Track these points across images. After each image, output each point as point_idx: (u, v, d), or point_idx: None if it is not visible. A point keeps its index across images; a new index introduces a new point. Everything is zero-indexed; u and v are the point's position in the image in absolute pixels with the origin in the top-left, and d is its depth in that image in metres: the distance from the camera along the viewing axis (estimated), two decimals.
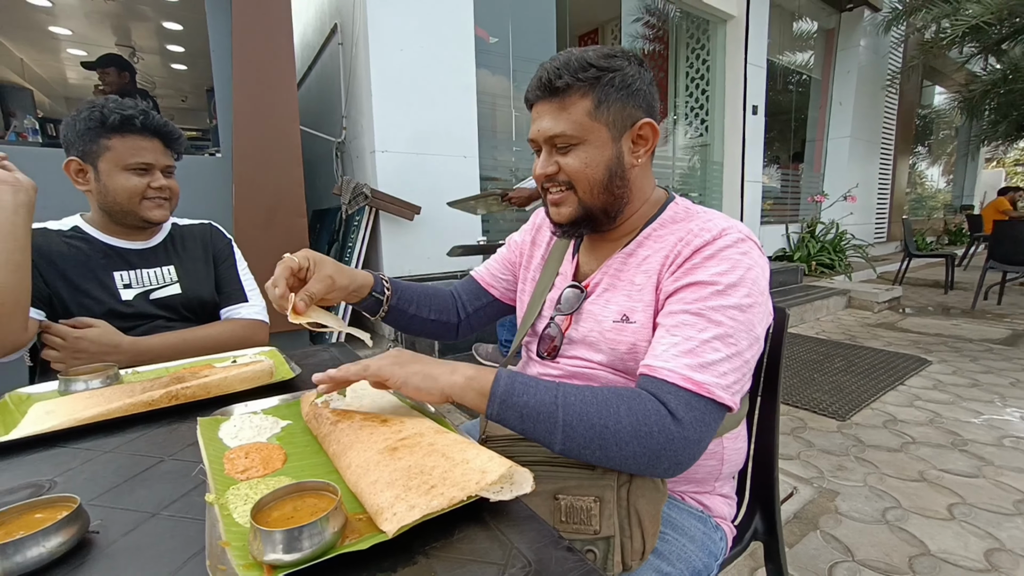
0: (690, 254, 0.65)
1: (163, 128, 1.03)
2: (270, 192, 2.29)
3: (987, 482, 1.65)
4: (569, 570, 0.38)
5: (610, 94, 0.66)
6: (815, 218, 6.11)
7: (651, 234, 0.73)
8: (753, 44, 4.87)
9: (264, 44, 2.25)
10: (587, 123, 0.67)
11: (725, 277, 0.61)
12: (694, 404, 0.56)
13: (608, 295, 0.73)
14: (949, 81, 9.03)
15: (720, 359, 0.57)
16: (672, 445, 0.55)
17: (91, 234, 1.05)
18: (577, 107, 0.66)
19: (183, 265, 1.12)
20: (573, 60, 0.66)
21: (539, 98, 0.69)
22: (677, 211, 0.74)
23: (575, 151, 0.68)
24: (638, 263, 0.71)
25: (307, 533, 0.37)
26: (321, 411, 0.62)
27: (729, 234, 0.65)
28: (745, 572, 1.27)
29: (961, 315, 4.20)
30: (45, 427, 0.61)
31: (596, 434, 0.55)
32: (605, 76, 0.66)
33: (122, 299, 1.03)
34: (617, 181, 0.70)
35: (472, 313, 0.97)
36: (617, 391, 0.58)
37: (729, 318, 0.59)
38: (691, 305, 0.61)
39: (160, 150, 1.03)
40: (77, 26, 4.20)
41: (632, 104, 0.68)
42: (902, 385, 2.55)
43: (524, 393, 0.57)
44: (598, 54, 0.67)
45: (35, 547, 0.37)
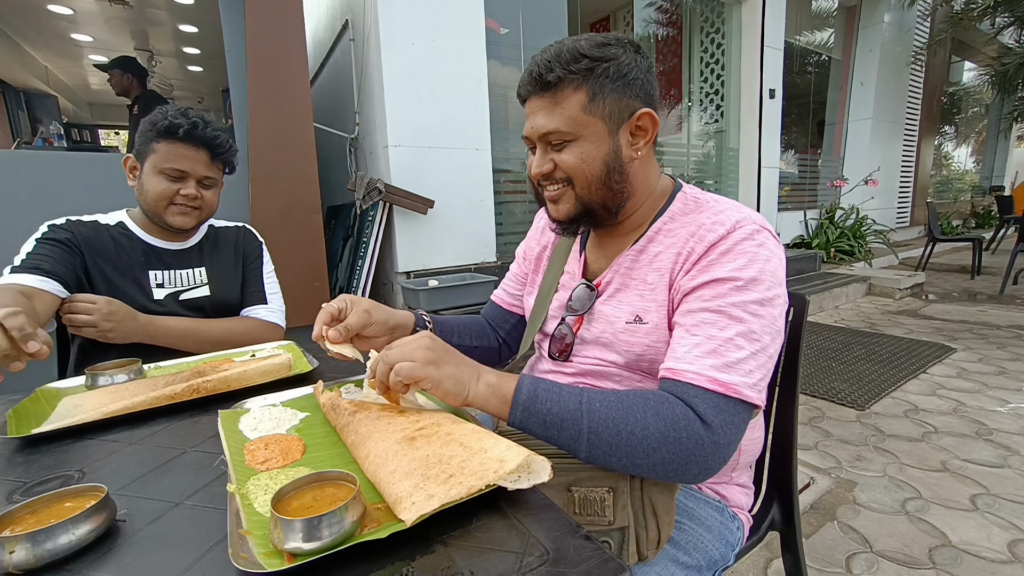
0: (704, 250, 0.62)
1: (211, 140, 1.04)
2: (285, 189, 2.31)
3: (1013, 472, 1.61)
4: (587, 558, 0.38)
5: (605, 85, 0.63)
6: (834, 204, 5.96)
7: (661, 228, 0.70)
8: (770, 25, 4.73)
9: (277, 43, 2.27)
10: (582, 118, 0.64)
11: (744, 272, 0.59)
12: (722, 406, 0.54)
13: (620, 295, 0.71)
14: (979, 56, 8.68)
15: (745, 357, 0.56)
16: (702, 450, 0.53)
17: (134, 231, 1.08)
18: (571, 101, 0.63)
19: (213, 267, 1.15)
20: (564, 51, 0.63)
21: (531, 93, 0.66)
22: (686, 202, 0.71)
23: (571, 147, 0.65)
24: (649, 261, 0.69)
25: (326, 522, 0.37)
26: (339, 402, 0.63)
27: (744, 226, 0.62)
28: (761, 562, 1.26)
29: (988, 301, 4.07)
30: (74, 420, 0.63)
31: (623, 441, 0.53)
32: (599, 67, 0.63)
33: (154, 298, 1.06)
34: (616, 176, 0.67)
35: (507, 336, 0.96)
36: (643, 395, 0.56)
37: (750, 313, 0.57)
38: (710, 303, 0.59)
39: (203, 161, 1.05)
40: (98, 32, 4.29)
41: (629, 94, 0.64)
42: (924, 373, 2.49)
43: (547, 400, 0.56)
44: (591, 43, 0.64)
45: (65, 535, 0.38)
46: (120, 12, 3.84)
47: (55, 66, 5.11)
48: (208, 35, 4.33)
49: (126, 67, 3.20)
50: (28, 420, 0.64)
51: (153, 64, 5.00)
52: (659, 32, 4.81)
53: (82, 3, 3.69)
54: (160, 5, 3.81)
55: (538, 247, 0.90)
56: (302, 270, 2.33)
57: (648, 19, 4.64)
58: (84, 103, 6.76)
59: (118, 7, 3.71)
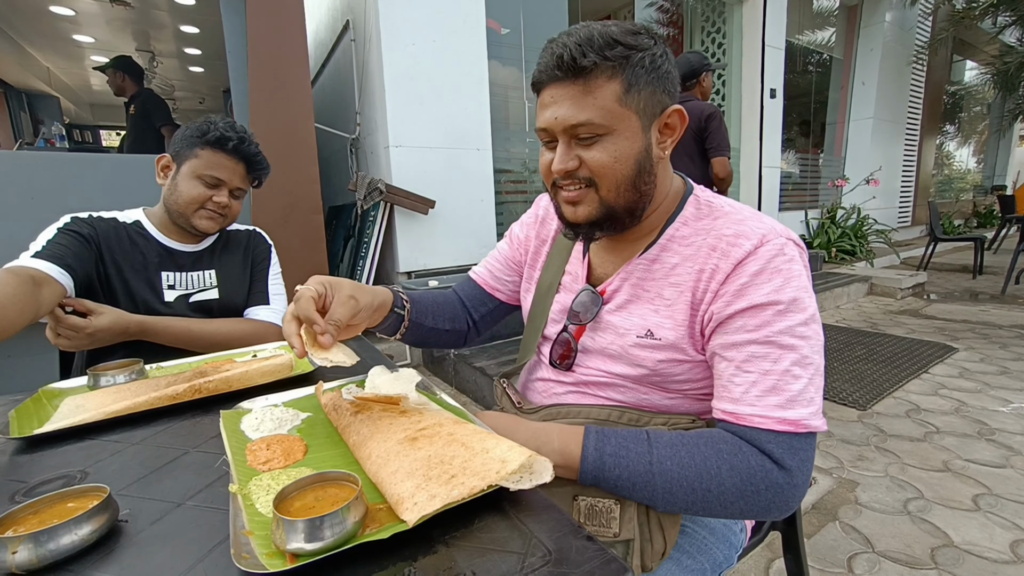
0: (731, 268, 0.58)
1: (251, 156, 1.09)
2: (287, 190, 2.32)
3: (1015, 472, 1.61)
4: (589, 559, 0.38)
5: (640, 76, 0.57)
6: (836, 203, 5.95)
7: (675, 236, 0.65)
8: (771, 25, 4.73)
9: (278, 44, 2.27)
10: (617, 110, 0.57)
11: (783, 293, 0.55)
12: (796, 445, 0.53)
13: (632, 307, 0.66)
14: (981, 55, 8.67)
15: (804, 386, 0.54)
16: (782, 496, 0.52)
17: (150, 232, 1.10)
18: (605, 91, 0.57)
19: (223, 270, 1.16)
20: (596, 36, 0.56)
21: (556, 79, 0.58)
22: (699, 206, 0.66)
23: (602, 143, 0.59)
24: (665, 273, 0.64)
25: (328, 522, 0.37)
26: (340, 402, 0.63)
27: (771, 240, 0.58)
28: (763, 562, 1.26)
29: (990, 300, 4.07)
30: (76, 420, 0.63)
31: (698, 498, 0.53)
32: (634, 55, 0.57)
33: (164, 300, 1.08)
34: (646, 177, 0.61)
35: (479, 319, 0.91)
36: (715, 446, 0.54)
37: (799, 337, 0.55)
38: (756, 333, 0.55)
39: (240, 173, 1.09)
40: (99, 33, 4.30)
41: (661, 89, 0.60)
42: (926, 373, 2.49)
43: (616, 467, 0.55)
44: (622, 30, 0.58)
45: (67, 535, 0.38)
46: (121, 13, 3.86)
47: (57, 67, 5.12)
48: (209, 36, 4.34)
49: (122, 67, 3.23)
50: (30, 420, 0.64)
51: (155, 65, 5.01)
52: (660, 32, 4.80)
53: (83, 4, 3.70)
54: (161, 6, 3.82)
55: (536, 240, 0.84)
56: (303, 271, 2.33)
57: (649, 19, 4.65)
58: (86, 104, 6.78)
59: (119, 8, 3.72)
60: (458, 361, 2.44)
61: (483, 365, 2.26)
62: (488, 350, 2.51)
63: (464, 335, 0.91)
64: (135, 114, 3.21)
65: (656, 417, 0.65)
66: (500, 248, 0.91)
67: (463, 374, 2.40)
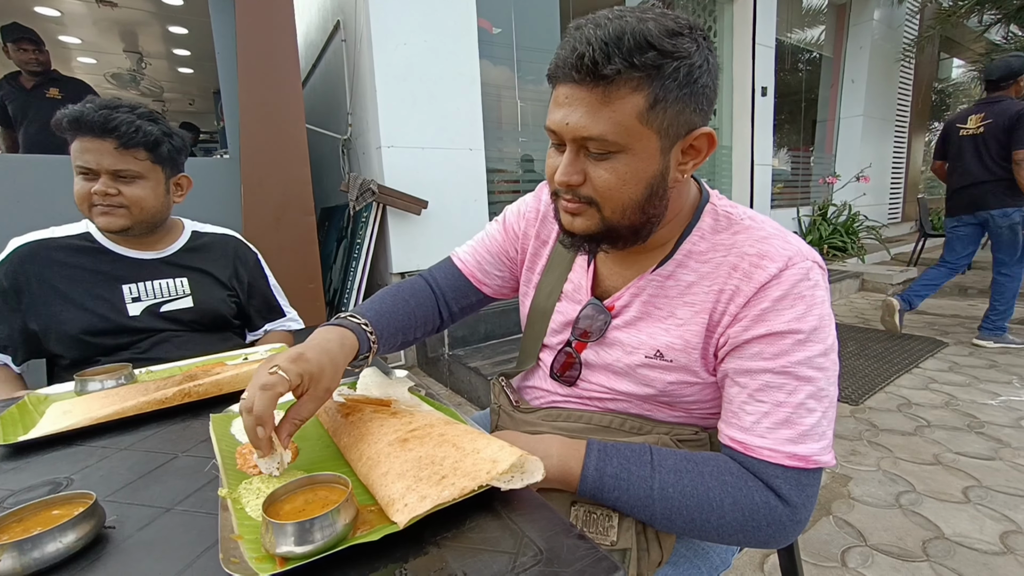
0: (754, 292, 0.54)
1: (104, 124, 0.90)
2: (278, 191, 2.30)
3: (1004, 464, 1.63)
4: (580, 558, 0.38)
5: (670, 92, 0.49)
6: (827, 200, 5.99)
7: (691, 251, 0.60)
8: (761, 23, 4.75)
9: (268, 45, 2.25)
10: (635, 127, 0.50)
11: (804, 322, 0.52)
12: (804, 481, 0.51)
13: (642, 324, 0.62)
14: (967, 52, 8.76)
15: (817, 420, 0.52)
16: (783, 532, 0.52)
17: (101, 242, 1.00)
18: (626, 104, 0.49)
19: (196, 277, 1.08)
20: (628, 36, 0.47)
21: (572, 80, 0.51)
22: (717, 217, 0.61)
23: (612, 161, 0.52)
24: (680, 291, 0.60)
25: (318, 525, 0.37)
26: (332, 404, 0.62)
27: (796, 263, 0.54)
28: (758, 558, 1.26)
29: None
30: (62, 426, 0.62)
31: (697, 527, 0.53)
32: (668, 65, 0.48)
33: (129, 314, 0.99)
34: (655, 201, 0.56)
35: (459, 311, 0.83)
36: (720, 477, 0.53)
37: (817, 369, 0.52)
38: (773, 363, 0.52)
39: (108, 151, 0.92)
40: (86, 34, 4.25)
41: (692, 107, 0.52)
42: (917, 368, 2.51)
43: (615, 488, 0.54)
44: (661, 30, 0.48)
45: (52, 543, 0.38)
46: (108, 14, 3.81)
47: None
48: (198, 37, 4.30)
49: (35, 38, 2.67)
50: (15, 427, 0.64)
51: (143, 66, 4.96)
52: None
53: (69, 5, 3.65)
54: (149, 7, 3.78)
55: (536, 240, 0.76)
56: (296, 272, 2.32)
57: None
58: None
59: (106, 8, 3.67)
60: (453, 362, 2.43)
61: (478, 365, 2.26)
62: (483, 350, 2.51)
63: (436, 328, 0.82)
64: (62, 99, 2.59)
65: (659, 426, 0.64)
66: (491, 236, 0.81)
67: (458, 375, 2.40)
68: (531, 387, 0.76)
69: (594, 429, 0.66)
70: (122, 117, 0.92)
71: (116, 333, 0.98)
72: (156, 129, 0.97)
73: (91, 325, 0.96)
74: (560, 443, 0.58)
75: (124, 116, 0.92)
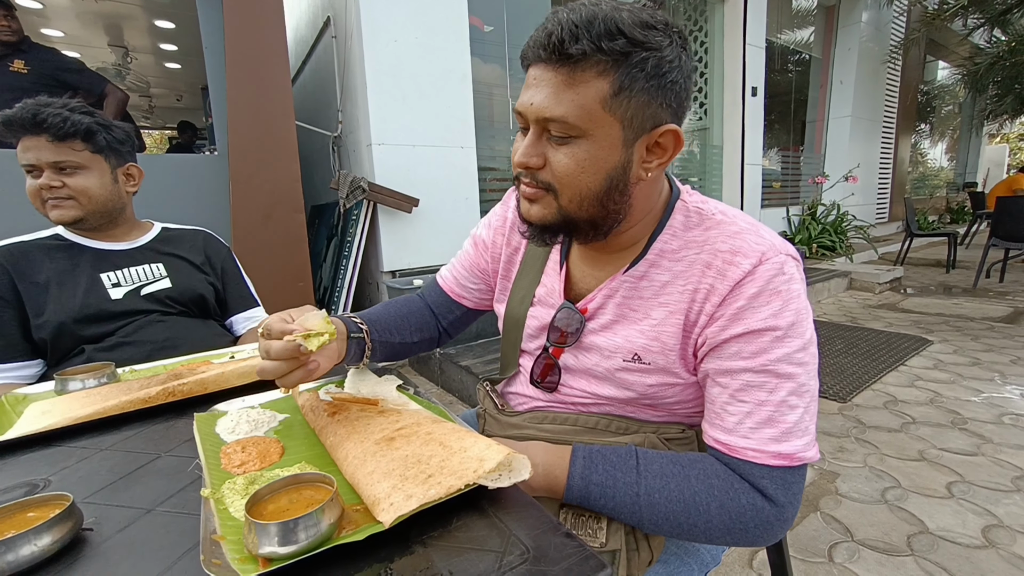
0: (729, 290, 0.53)
1: (32, 120, 0.92)
2: (268, 188, 2.27)
3: (986, 460, 1.66)
4: (567, 556, 0.38)
5: (636, 81, 0.49)
6: (816, 200, 6.06)
7: (663, 250, 0.59)
8: (752, 24, 4.79)
9: (257, 40, 2.22)
10: (597, 113, 0.50)
11: (781, 318, 0.51)
12: (789, 479, 0.51)
13: (617, 327, 0.61)
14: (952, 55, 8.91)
15: (799, 416, 0.51)
16: (771, 531, 0.51)
17: (73, 240, 1.05)
18: (590, 88, 0.49)
19: (172, 262, 1.13)
20: (599, 20, 0.47)
21: (540, 60, 0.51)
22: (688, 214, 0.60)
23: (572, 146, 0.52)
24: (655, 292, 0.59)
25: (302, 525, 0.36)
26: (318, 403, 0.61)
27: (770, 258, 0.53)
28: (747, 555, 1.27)
29: (963, 294, 4.18)
30: (40, 426, 0.61)
31: (684, 531, 0.53)
32: (636, 54, 0.48)
33: (112, 298, 1.03)
34: (615, 196, 0.54)
35: (448, 326, 0.86)
36: (707, 480, 0.52)
37: (797, 364, 0.52)
38: (752, 361, 0.52)
39: (44, 146, 0.94)
40: (70, 28, 4.17)
41: (660, 101, 0.51)
42: (903, 366, 2.55)
43: (601, 496, 0.54)
44: (633, 19, 0.48)
45: (27, 545, 0.37)
46: (92, 6, 3.74)
47: None
48: (186, 31, 4.23)
49: None
50: None
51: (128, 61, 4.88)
52: None
53: None
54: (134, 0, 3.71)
55: (507, 248, 0.76)
56: (285, 270, 2.30)
57: None
58: None
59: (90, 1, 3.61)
60: (444, 360, 2.42)
61: (469, 364, 2.25)
62: (474, 348, 2.50)
63: (436, 341, 0.86)
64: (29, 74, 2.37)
65: (645, 426, 0.64)
66: (465, 251, 0.84)
67: (449, 373, 2.39)
68: (514, 393, 0.76)
69: (580, 431, 0.65)
70: (51, 111, 0.94)
71: (102, 319, 1.00)
72: (88, 120, 0.98)
73: (77, 312, 0.98)
74: (544, 450, 0.58)
75: (53, 110, 0.94)
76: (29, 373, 0.98)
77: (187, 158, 2.56)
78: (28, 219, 1.08)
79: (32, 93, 0.98)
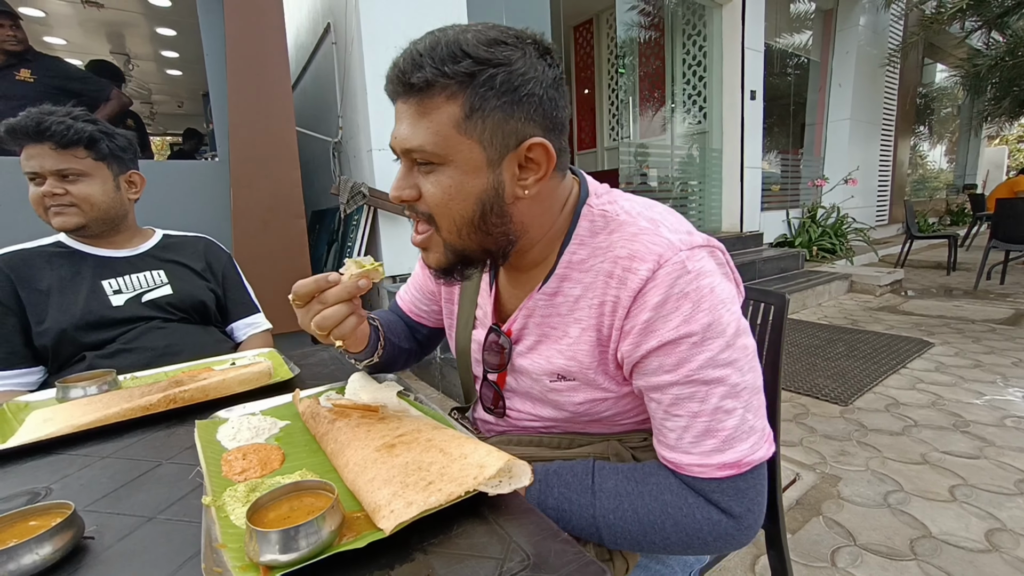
0: (631, 301, 0.51)
1: (35, 128, 0.94)
2: (268, 194, 2.28)
3: (989, 463, 1.65)
4: (568, 562, 0.38)
5: (488, 99, 0.48)
6: (816, 203, 6.07)
7: (572, 261, 0.57)
8: (750, 28, 4.81)
9: (257, 47, 2.24)
10: (453, 137, 0.49)
11: (694, 322, 0.48)
12: (742, 487, 0.50)
13: (541, 347, 0.60)
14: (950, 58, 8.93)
15: (739, 420, 0.49)
16: (732, 541, 0.51)
17: (75, 247, 1.05)
18: (442, 114, 0.48)
19: (173, 270, 1.13)
20: (442, 45, 0.47)
21: (396, 94, 0.51)
22: (593, 219, 0.57)
23: (438, 173, 0.51)
24: (569, 308, 0.57)
25: (303, 532, 0.37)
26: (319, 410, 0.62)
27: (669, 260, 0.49)
28: (748, 559, 1.27)
29: (963, 296, 4.18)
30: (42, 434, 0.61)
31: (644, 548, 0.53)
32: (483, 72, 0.47)
33: (113, 305, 1.03)
34: (493, 219, 0.52)
35: (423, 340, 0.86)
36: (660, 497, 0.51)
37: (723, 366, 0.49)
38: (675, 374, 0.50)
39: (47, 154, 0.96)
40: (72, 35, 4.20)
41: (520, 115, 0.49)
42: (904, 368, 2.54)
43: (559, 520, 0.53)
44: (479, 38, 0.47)
45: (28, 554, 0.37)
46: (95, 14, 3.77)
47: None
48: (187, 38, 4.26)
49: None
50: None
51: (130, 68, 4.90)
52: (642, 34, 4.86)
53: (54, 5, 3.61)
54: (136, 8, 3.74)
55: None
56: (286, 276, 2.30)
57: (631, 22, 4.69)
58: None
59: (92, 9, 3.63)
60: (444, 365, 2.42)
61: None
62: None
63: (417, 354, 0.87)
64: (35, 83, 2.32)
65: (610, 438, 0.63)
66: (416, 273, 0.83)
67: (450, 378, 2.39)
68: (480, 420, 0.75)
69: (546, 450, 0.65)
70: (55, 119, 0.95)
71: (103, 326, 1.01)
72: (91, 127, 1.00)
73: (78, 319, 0.98)
74: None
75: (57, 118, 0.95)
76: (30, 380, 0.99)
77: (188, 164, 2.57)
78: (31, 226, 1.09)
79: (38, 101, 0.99)
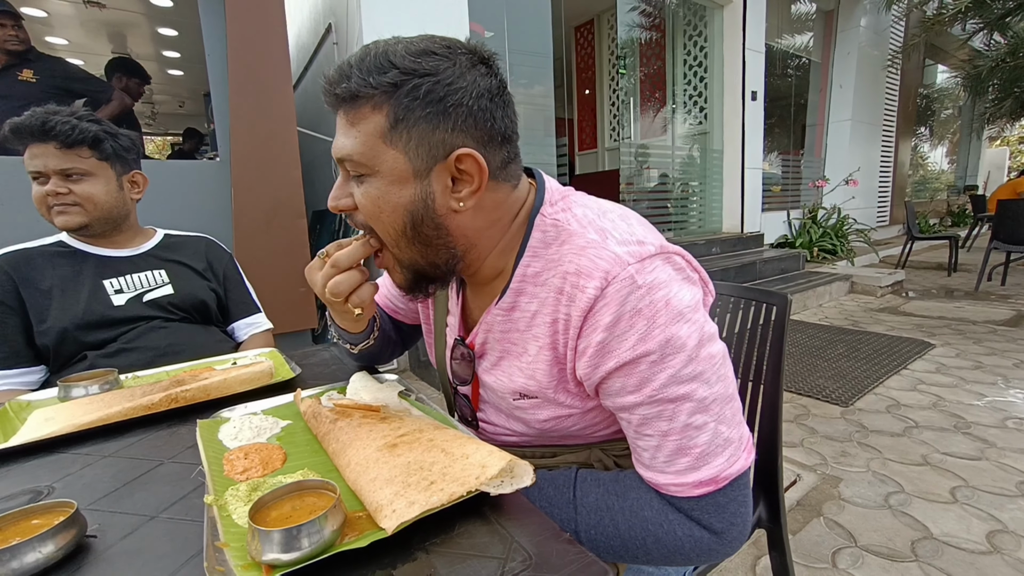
0: (582, 321, 0.49)
1: (41, 128, 0.94)
2: (269, 194, 2.29)
3: (990, 464, 1.65)
4: (570, 562, 0.38)
5: (412, 111, 0.47)
6: (816, 203, 6.07)
7: (525, 274, 0.55)
8: (751, 29, 4.81)
9: (259, 47, 2.24)
10: (379, 148, 0.48)
11: (651, 340, 0.46)
12: (721, 502, 0.49)
13: (504, 364, 0.59)
14: (951, 59, 8.93)
15: (711, 435, 0.48)
16: (715, 555, 0.51)
17: (77, 246, 1.06)
18: (368, 124, 0.48)
19: (174, 269, 1.14)
20: (371, 57, 0.47)
21: (331, 104, 0.51)
22: (546, 229, 0.55)
23: (367, 184, 0.51)
24: (527, 323, 0.55)
25: (305, 532, 0.37)
26: (320, 410, 0.62)
27: (617, 276, 0.47)
28: (749, 560, 1.27)
29: (964, 297, 4.17)
30: (44, 433, 0.61)
31: (628, 561, 0.53)
32: (408, 83, 0.47)
33: (114, 305, 1.04)
34: (426, 231, 0.52)
35: (403, 335, 0.85)
36: (640, 514, 0.51)
37: (687, 381, 0.47)
38: (638, 395, 0.48)
39: (52, 153, 0.96)
40: (74, 36, 4.20)
41: (447, 126, 0.48)
42: (905, 369, 2.54)
43: None
44: (409, 50, 0.48)
45: (31, 552, 0.37)
46: (97, 14, 3.78)
47: None
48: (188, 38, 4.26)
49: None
50: None
51: None
52: (643, 35, 4.86)
53: (56, 6, 3.62)
54: (137, 8, 3.75)
55: None
56: (287, 276, 2.30)
57: (632, 23, 4.69)
58: None
59: (93, 9, 3.64)
60: None
61: None
62: None
63: (400, 345, 0.86)
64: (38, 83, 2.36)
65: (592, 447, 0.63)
66: None
67: None
68: None
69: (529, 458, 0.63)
70: (59, 119, 0.96)
71: (104, 325, 1.01)
72: (95, 127, 1.00)
73: (80, 319, 0.99)
74: None
75: (61, 118, 0.96)
76: (32, 379, 0.99)
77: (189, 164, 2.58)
78: (34, 226, 1.09)
79: (41, 102, 0.99)
